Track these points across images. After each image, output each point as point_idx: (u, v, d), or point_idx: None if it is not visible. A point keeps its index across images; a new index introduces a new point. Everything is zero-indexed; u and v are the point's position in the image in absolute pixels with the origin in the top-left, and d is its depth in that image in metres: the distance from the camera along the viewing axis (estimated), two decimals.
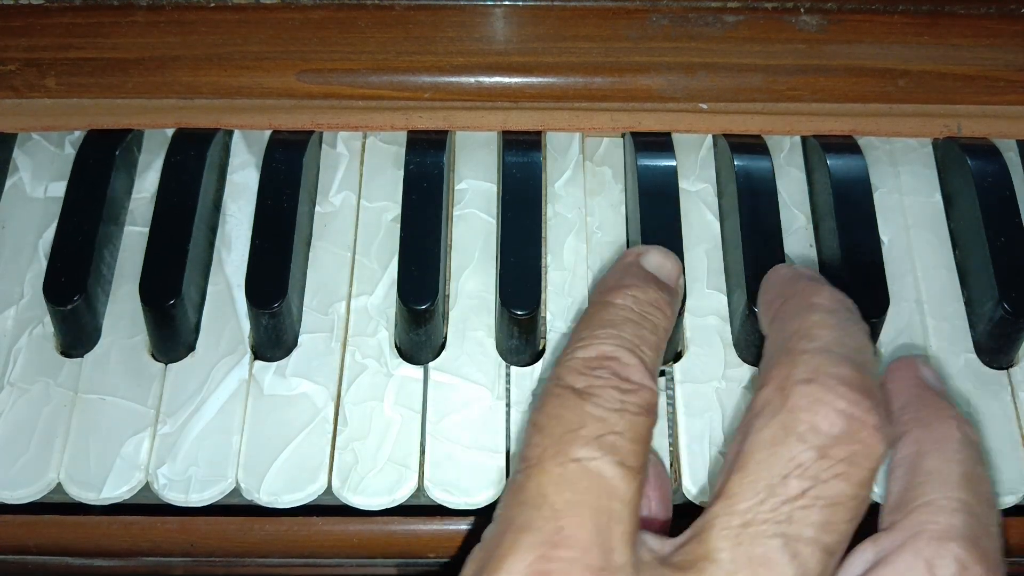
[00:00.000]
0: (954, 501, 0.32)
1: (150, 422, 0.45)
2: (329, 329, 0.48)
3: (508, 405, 0.46)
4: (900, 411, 0.37)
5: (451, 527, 0.45)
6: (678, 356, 0.47)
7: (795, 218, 0.51)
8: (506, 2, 0.53)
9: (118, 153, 0.51)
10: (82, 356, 0.47)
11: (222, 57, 0.53)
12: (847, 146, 0.52)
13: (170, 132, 0.52)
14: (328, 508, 0.45)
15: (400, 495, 0.44)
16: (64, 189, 0.50)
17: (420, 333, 0.46)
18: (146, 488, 0.44)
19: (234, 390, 0.46)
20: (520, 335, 0.46)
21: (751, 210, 0.49)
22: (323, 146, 0.53)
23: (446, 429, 0.45)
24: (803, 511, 0.30)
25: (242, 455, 0.45)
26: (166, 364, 0.47)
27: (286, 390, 0.46)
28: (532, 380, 0.46)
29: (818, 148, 0.52)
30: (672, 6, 0.53)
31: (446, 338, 0.48)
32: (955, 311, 0.49)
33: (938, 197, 0.52)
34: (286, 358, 0.47)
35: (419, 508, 0.45)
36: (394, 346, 0.47)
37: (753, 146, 0.52)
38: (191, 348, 0.47)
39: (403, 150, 0.52)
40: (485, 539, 0.32)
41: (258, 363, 0.47)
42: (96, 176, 0.50)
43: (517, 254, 0.48)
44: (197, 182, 0.50)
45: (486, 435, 0.45)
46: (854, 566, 0.32)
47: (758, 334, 0.46)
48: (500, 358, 0.47)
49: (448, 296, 0.49)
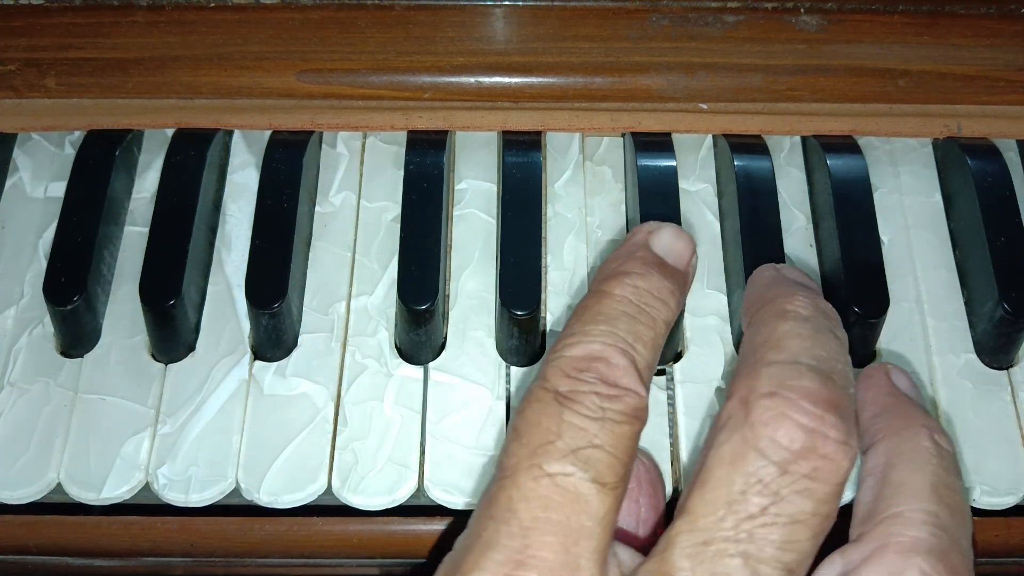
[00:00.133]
0: (922, 513, 0.32)
1: (150, 422, 0.45)
2: (329, 329, 0.48)
3: (508, 405, 0.46)
4: (872, 420, 0.36)
5: (457, 526, 0.45)
6: (678, 356, 0.47)
7: (795, 218, 0.51)
8: (506, 2, 0.53)
9: (118, 153, 0.51)
10: (82, 356, 0.47)
11: (222, 57, 0.53)
12: (847, 146, 0.52)
13: (170, 132, 0.52)
14: (328, 508, 0.45)
15: (400, 495, 0.44)
16: (64, 189, 0.50)
17: (420, 333, 0.46)
18: (146, 488, 0.44)
19: (234, 390, 0.46)
20: (520, 335, 0.46)
21: (751, 210, 0.49)
22: (323, 146, 0.53)
23: (446, 429, 0.45)
24: (764, 529, 0.29)
25: (242, 455, 0.45)
26: (166, 364, 0.47)
27: (286, 390, 0.46)
28: (532, 380, 0.46)
29: (818, 148, 0.52)
30: (672, 6, 0.53)
31: (446, 338, 0.48)
32: (955, 311, 0.49)
33: (938, 197, 0.52)
34: (286, 358, 0.47)
35: (419, 508, 0.45)
36: (394, 346, 0.47)
37: (753, 146, 0.52)
38: (191, 348, 0.47)
39: (403, 150, 0.52)
40: (455, 549, 0.32)
41: (258, 363, 0.47)
42: (96, 176, 0.50)
43: (517, 254, 0.48)
44: (197, 182, 0.50)
45: (486, 435, 0.45)
46: None
47: None
48: (500, 358, 0.47)
49: (448, 296, 0.49)
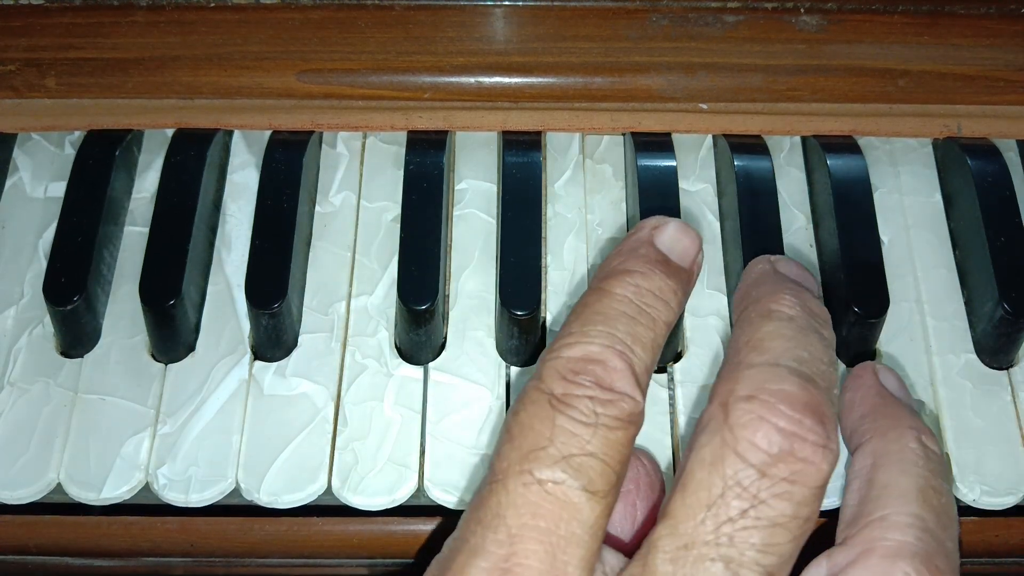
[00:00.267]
0: (908, 517, 0.31)
1: (150, 422, 0.45)
2: (329, 329, 0.48)
3: (508, 405, 0.46)
4: (859, 421, 0.36)
5: (446, 527, 0.45)
6: (678, 356, 0.47)
7: (795, 218, 0.51)
8: (506, 2, 0.53)
9: (118, 153, 0.51)
10: (82, 356, 0.47)
11: (222, 57, 0.53)
12: (847, 146, 0.52)
13: (170, 132, 0.52)
14: (328, 508, 0.45)
15: (400, 495, 0.44)
16: (64, 189, 0.50)
17: (420, 333, 0.46)
18: (146, 488, 0.44)
19: (234, 390, 0.46)
20: (520, 335, 0.46)
21: (751, 210, 0.49)
22: (323, 146, 0.53)
23: (446, 429, 0.45)
24: (744, 532, 0.29)
25: (242, 455, 0.45)
26: (166, 364, 0.47)
27: (286, 390, 0.46)
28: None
29: (818, 148, 0.52)
30: (672, 6, 0.53)
31: (446, 338, 0.48)
32: (955, 311, 0.49)
33: (938, 197, 0.52)
34: (286, 358, 0.47)
35: (419, 508, 0.45)
36: (394, 346, 0.47)
37: (753, 146, 0.52)
38: (191, 348, 0.47)
39: (403, 150, 0.52)
40: (444, 551, 0.32)
41: (258, 363, 0.47)
42: (96, 176, 0.50)
43: (517, 254, 0.48)
44: (197, 182, 0.50)
45: (486, 435, 0.45)
46: None
47: None
48: (500, 358, 0.47)
49: (448, 296, 0.49)
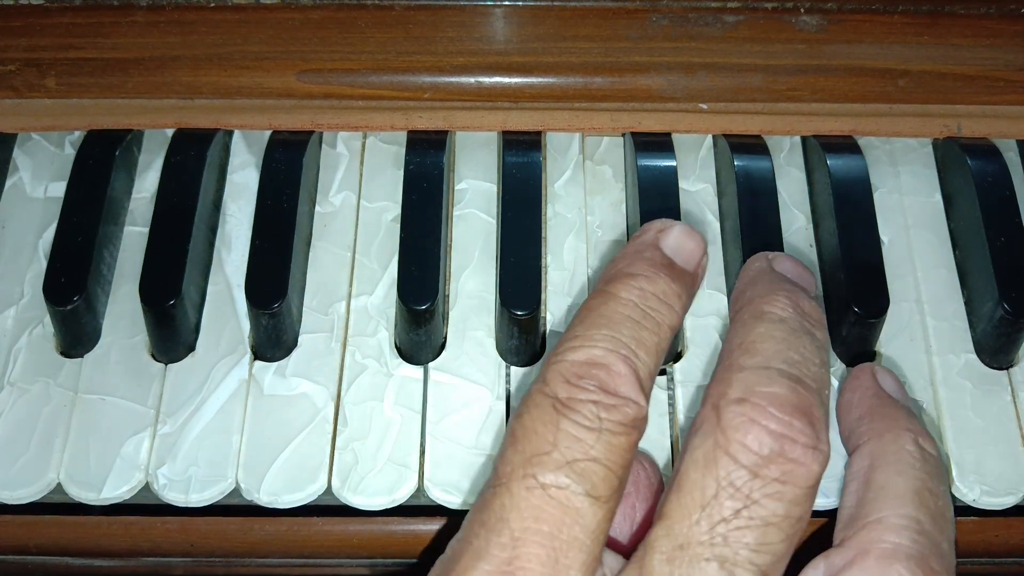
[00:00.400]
0: (904, 519, 0.32)
1: (150, 422, 0.45)
2: (329, 329, 0.48)
3: (508, 405, 0.46)
4: (856, 422, 0.36)
5: (451, 527, 0.45)
6: (678, 356, 0.47)
7: (795, 218, 0.51)
8: (506, 2, 0.53)
9: (118, 153, 0.51)
10: (82, 356, 0.47)
11: (222, 57, 0.53)
12: (847, 146, 0.52)
13: (170, 132, 0.52)
14: (328, 508, 0.45)
15: (400, 495, 0.44)
16: (64, 189, 0.50)
17: (420, 333, 0.46)
18: (146, 488, 0.44)
19: (234, 390, 0.46)
20: (520, 335, 0.46)
21: (751, 210, 0.49)
22: (323, 146, 0.53)
23: (446, 429, 0.45)
24: (737, 532, 0.30)
25: (242, 455, 0.45)
26: (166, 364, 0.47)
27: (286, 390, 0.46)
28: (532, 380, 0.46)
29: (818, 148, 0.52)
30: (672, 6, 0.53)
31: (446, 338, 0.48)
32: (955, 311, 0.49)
33: (938, 197, 0.52)
34: (286, 358, 0.47)
35: (419, 508, 0.45)
36: (394, 346, 0.47)
37: (753, 146, 0.52)
38: (191, 348, 0.47)
39: (403, 150, 0.52)
40: (447, 552, 0.32)
41: (258, 363, 0.47)
42: (96, 176, 0.50)
43: (517, 254, 0.48)
44: (197, 182, 0.50)
45: (486, 435, 0.45)
46: None
47: None
48: (500, 358, 0.47)
49: (448, 296, 0.49)
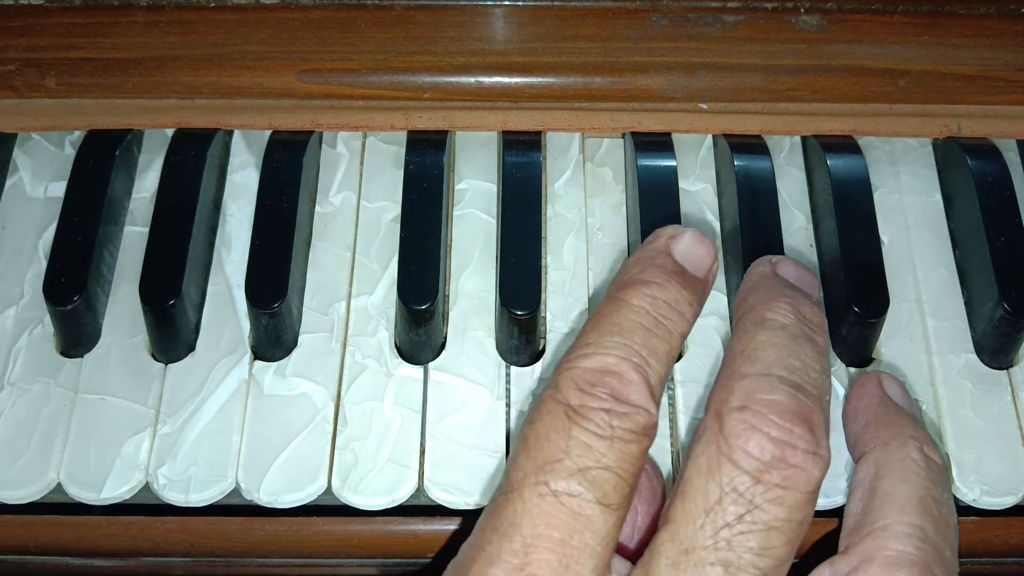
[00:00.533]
0: (908, 527, 0.32)
1: (150, 422, 0.45)
2: (329, 329, 0.48)
3: (508, 405, 0.46)
4: (862, 430, 0.37)
5: (451, 527, 0.45)
6: (678, 356, 0.47)
7: (795, 218, 0.51)
8: (506, 2, 0.53)
9: (118, 153, 0.51)
10: (82, 356, 0.47)
11: (222, 57, 0.53)
12: (847, 146, 0.52)
13: (170, 132, 0.52)
14: (328, 508, 0.45)
15: (400, 495, 0.44)
16: (64, 189, 0.50)
17: (420, 333, 0.46)
18: (146, 488, 0.44)
19: (234, 390, 0.46)
20: (520, 335, 0.46)
21: (751, 210, 0.49)
22: (323, 146, 0.53)
23: (446, 429, 0.45)
24: (741, 536, 0.30)
25: (242, 455, 0.45)
26: (166, 364, 0.47)
27: (286, 390, 0.46)
28: (532, 380, 0.46)
29: (818, 148, 0.52)
30: (672, 6, 0.53)
31: (446, 338, 0.48)
32: (955, 311, 0.49)
33: (938, 197, 0.52)
34: (286, 358, 0.47)
35: (419, 508, 0.45)
36: (394, 346, 0.47)
37: (753, 146, 0.52)
38: (191, 348, 0.47)
39: (403, 150, 0.52)
40: (459, 556, 0.32)
41: (258, 363, 0.47)
42: (96, 176, 0.50)
43: (517, 254, 0.48)
44: (197, 182, 0.50)
45: (486, 435, 0.45)
46: None
47: None
48: (500, 358, 0.47)
49: (448, 296, 0.49)
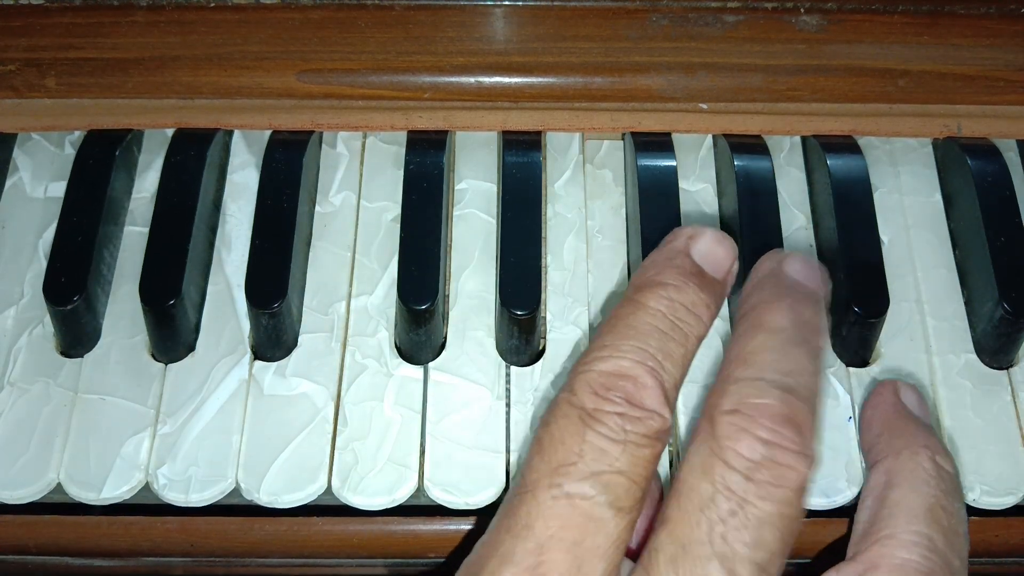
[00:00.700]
0: (915, 535, 0.33)
1: (150, 422, 0.45)
2: (329, 329, 0.48)
3: (508, 405, 0.46)
4: (875, 438, 0.38)
5: (451, 527, 0.45)
6: None
7: (795, 218, 0.51)
8: (506, 2, 0.53)
9: (118, 153, 0.51)
10: (82, 356, 0.47)
11: (222, 57, 0.53)
12: (847, 146, 0.52)
13: (170, 132, 0.52)
14: (328, 508, 0.45)
15: (400, 495, 0.44)
16: (64, 189, 0.50)
17: (420, 333, 0.46)
18: (146, 488, 0.44)
19: (234, 390, 0.46)
20: (520, 335, 0.46)
21: (751, 210, 0.49)
22: (323, 146, 0.53)
23: (446, 429, 0.45)
24: (735, 532, 0.31)
25: (242, 455, 0.45)
26: (166, 364, 0.47)
27: (286, 390, 0.46)
28: (532, 380, 0.46)
29: (818, 148, 0.52)
30: (672, 6, 0.53)
31: (446, 338, 0.48)
32: (955, 311, 0.49)
33: (938, 197, 0.52)
34: (286, 358, 0.47)
35: (419, 508, 0.45)
36: (394, 346, 0.47)
37: (753, 146, 0.52)
38: (191, 348, 0.47)
39: (403, 150, 0.52)
40: (473, 555, 0.33)
41: (258, 363, 0.47)
42: (96, 176, 0.50)
43: (517, 254, 0.48)
44: (197, 182, 0.50)
45: (486, 435, 0.45)
46: None
47: None
48: (500, 358, 0.47)
49: (448, 296, 0.49)
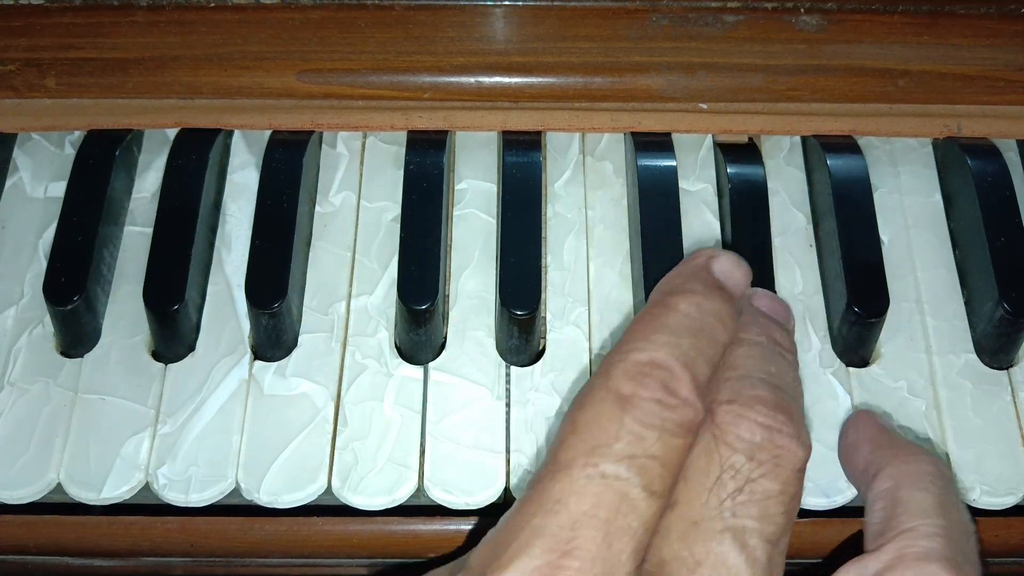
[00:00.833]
0: (932, 526, 0.35)
1: (150, 422, 0.45)
2: (329, 329, 0.48)
3: (508, 405, 0.46)
4: (873, 452, 0.40)
5: (451, 527, 0.45)
6: None
7: (795, 218, 0.51)
8: (506, 2, 0.53)
9: (118, 153, 0.51)
10: (82, 356, 0.47)
11: (222, 57, 0.53)
12: (847, 146, 0.52)
13: (170, 132, 0.52)
14: (328, 508, 0.45)
15: (400, 495, 0.44)
16: (64, 189, 0.50)
17: (420, 333, 0.46)
18: (146, 488, 0.44)
19: (234, 390, 0.46)
20: (520, 335, 0.46)
21: (737, 219, 0.50)
22: (323, 146, 0.53)
23: (446, 429, 0.45)
24: (743, 506, 0.33)
25: (242, 455, 0.45)
26: (166, 364, 0.47)
27: (286, 390, 0.46)
28: (532, 380, 0.46)
29: (818, 148, 0.52)
30: (672, 6, 0.53)
31: (446, 338, 0.48)
32: (955, 311, 0.49)
33: (938, 197, 0.52)
34: (286, 358, 0.47)
35: (419, 508, 0.45)
36: (394, 346, 0.47)
37: (746, 154, 0.52)
38: (191, 348, 0.47)
39: (403, 150, 0.52)
40: (501, 525, 0.33)
41: (258, 363, 0.47)
42: (96, 176, 0.50)
43: (517, 254, 0.48)
44: (199, 184, 0.50)
45: (486, 435, 0.45)
46: None
47: None
48: (500, 358, 0.47)
49: (448, 296, 0.49)
